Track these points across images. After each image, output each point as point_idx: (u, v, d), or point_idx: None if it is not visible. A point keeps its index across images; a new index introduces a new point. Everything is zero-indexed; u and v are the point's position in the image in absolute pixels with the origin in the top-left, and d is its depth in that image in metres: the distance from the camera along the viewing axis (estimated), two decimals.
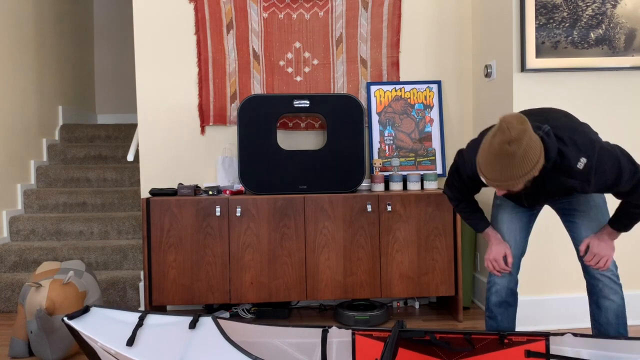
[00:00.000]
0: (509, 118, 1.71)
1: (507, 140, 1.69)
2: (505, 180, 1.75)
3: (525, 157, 1.72)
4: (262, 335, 2.16)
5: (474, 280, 3.42)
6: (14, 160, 4.01)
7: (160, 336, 1.91)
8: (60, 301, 2.57)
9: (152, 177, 3.34)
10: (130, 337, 1.86)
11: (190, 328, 1.91)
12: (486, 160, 1.75)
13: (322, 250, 2.97)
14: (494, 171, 1.74)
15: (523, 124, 1.71)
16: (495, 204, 2.22)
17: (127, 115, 5.89)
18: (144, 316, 1.96)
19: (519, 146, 1.70)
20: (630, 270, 2.96)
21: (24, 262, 3.57)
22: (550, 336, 2.07)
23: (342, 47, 3.39)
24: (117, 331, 1.91)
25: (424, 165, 3.36)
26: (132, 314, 1.99)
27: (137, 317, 1.97)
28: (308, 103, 3.05)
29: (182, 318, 1.97)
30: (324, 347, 2.09)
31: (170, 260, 2.93)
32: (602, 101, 2.91)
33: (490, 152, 1.73)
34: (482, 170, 1.79)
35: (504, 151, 1.70)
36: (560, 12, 2.82)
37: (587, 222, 2.11)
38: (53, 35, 4.79)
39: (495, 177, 1.75)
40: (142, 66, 3.33)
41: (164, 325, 1.95)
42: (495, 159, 1.73)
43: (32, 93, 4.33)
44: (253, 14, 3.35)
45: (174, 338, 1.91)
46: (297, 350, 2.17)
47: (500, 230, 2.17)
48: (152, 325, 1.94)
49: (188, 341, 1.88)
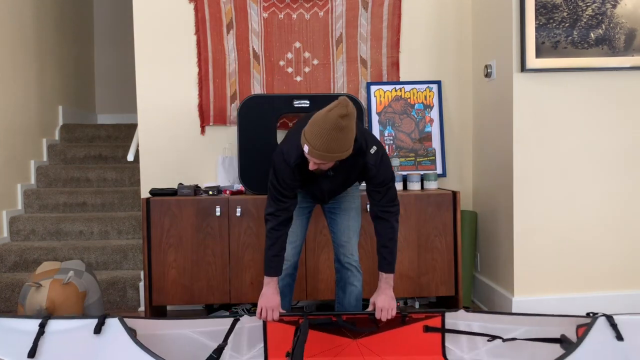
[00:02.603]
0: (345, 98, 1.96)
1: (344, 114, 1.92)
2: (329, 152, 1.98)
3: (350, 134, 1.99)
4: (173, 327, 2.17)
5: (474, 280, 3.42)
6: (14, 160, 4.01)
7: (65, 344, 1.82)
8: (60, 301, 2.58)
9: (152, 177, 3.34)
10: (32, 348, 1.76)
11: (95, 333, 1.83)
12: (318, 131, 1.96)
13: (322, 250, 2.97)
14: (323, 141, 1.96)
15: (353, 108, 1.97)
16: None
17: (127, 115, 5.87)
18: (44, 323, 1.85)
19: (349, 122, 1.95)
20: (630, 270, 2.96)
21: (24, 262, 3.57)
22: (446, 312, 2.29)
23: (342, 47, 3.39)
24: (18, 342, 1.80)
25: (424, 165, 3.36)
26: (32, 321, 1.87)
27: (37, 325, 1.85)
28: (308, 103, 3.05)
29: (86, 321, 1.88)
30: (230, 331, 2.14)
31: (170, 260, 2.93)
32: (602, 101, 2.91)
33: (325, 122, 1.94)
34: (309, 140, 1.99)
35: (338, 124, 1.93)
36: (560, 12, 2.82)
37: (346, 220, 2.48)
38: (53, 35, 4.79)
39: (322, 147, 1.96)
40: (142, 66, 3.33)
41: (67, 331, 1.85)
42: (327, 131, 1.94)
43: (32, 93, 4.33)
44: (253, 14, 3.35)
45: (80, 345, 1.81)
46: (207, 338, 2.21)
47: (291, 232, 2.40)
48: (55, 332, 1.85)
49: (96, 347, 1.80)
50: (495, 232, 3.14)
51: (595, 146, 2.91)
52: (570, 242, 2.92)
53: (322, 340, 2.30)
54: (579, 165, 2.91)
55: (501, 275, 3.07)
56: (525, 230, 2.90)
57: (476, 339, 2.24)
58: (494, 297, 3.13)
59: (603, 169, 2.92)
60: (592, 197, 2.92)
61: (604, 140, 2.91)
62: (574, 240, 2.92)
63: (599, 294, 2.93)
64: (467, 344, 2.27)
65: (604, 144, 2.91)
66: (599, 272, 2.94)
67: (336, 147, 1.98)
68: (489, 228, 3.23)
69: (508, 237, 2.96)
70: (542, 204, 2.90)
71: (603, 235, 2.93)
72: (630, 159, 2.93)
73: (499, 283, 3.11)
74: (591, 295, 2.91)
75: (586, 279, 2.93)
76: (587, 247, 2.93)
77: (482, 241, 3.34)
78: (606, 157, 2.92)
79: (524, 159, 2.89)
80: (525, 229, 2.90)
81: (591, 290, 2.94)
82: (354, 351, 2.29)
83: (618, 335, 1.79)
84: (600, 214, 2.93)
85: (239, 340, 2.26)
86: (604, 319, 1.87)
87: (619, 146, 2.92)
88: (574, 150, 2.90)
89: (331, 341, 2.30)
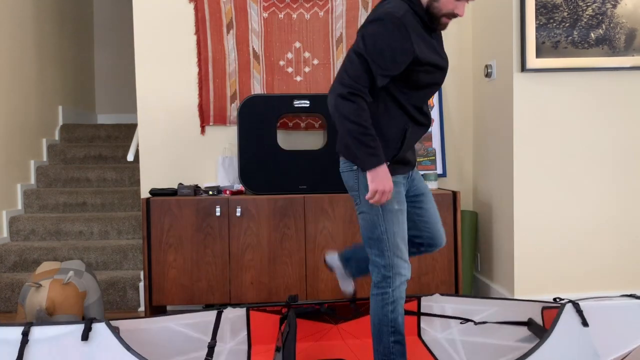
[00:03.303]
0: None
1: None
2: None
3: None
4: (157, 321, 2.17)
5: (474, 280, 3.42)
6: (14, 160, 4.01)
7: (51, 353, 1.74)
8: (60, 301, 2.58)
9: (152, 177, 3.34)
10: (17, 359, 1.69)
11: (83, 340, 1.76)
12: None
13: (322, 250, 2.97)
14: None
15: None
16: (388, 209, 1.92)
17: (127, 115, 5.88)
18: (27, 330, 1.77)
19: None
20: (630, 270, 2.96)
21: (24, 262, 3.57)
22: (422, 297, 2.46)
23: (342, 47, 3.38)
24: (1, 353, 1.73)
25: (424, 165, 3.36)
26: (13, 329, 1.78)
27: (20, 333, 1.77)
28: (308, 103, 3.05)
29: (72, 327, 1.81)
30: (217, 323, 2.14)
31: (170, 260, 2.92)
32: (602, 101, 2.91)
33: None
34: None
35: None
36: (561, 12, 2.82)
37: (432, 205, 2.08)
38: (53, 35, 4.79)
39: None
40: (142, 66, 3.33)
41: (53, 338, 1.78)
42: None
43: (32, 93, 4.33)
44: (253, 13, 3.35)
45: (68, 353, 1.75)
46: (191, 330, 2.22)
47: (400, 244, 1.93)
48: (39, 340, 1.77)
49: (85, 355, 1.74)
50: (495, 232, 3.14)
51: (595, 146, 2.91)
52: (570, 242, 2.92)
53: (305, 326, 2.40)
54: (579, 165, 2.91)
55: (501, 275, 3.07)
56: (525, 230, 2.90)
57: (449, 320, 2.36)
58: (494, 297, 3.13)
59: (603, 169, 2.92)
60: (592, 197, 2.92)
61: (604, 140, 2.91)
62: (574, 240, 2.92)
63: (599, 294, 2.92)
64: (440, 325, 2.40)
65: (604, 144, 2.91)
66: (599, 272, 2.94)
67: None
68: (489, 228, 3.23)
69: (508, 237, 2.96)
70: (542, 204, 2.90)
71: (603, 235, 2.93)
72: (631, 159, 2.93)
73: (499, 283, 3.11)
74: (591, 295, 2.91)
75: (586, 279, 2.93)
76: (587, 247, 2.93)
77: (482, 241, 3.34)
78: (606, 157, 2.92)
79: (524, 159, 2.89)
80: (525, 229, 2.90)
81: (591, 290, 2.94)
82: (335, 335, 2.41)
83: (584, 321, 1.86)
84: (601, 213, 2.93)
85: (222, 329, 2.27)
86: (571, 305, 1.93)
87: (619, 146, 2.92)
88: (574, 150, 2.90)
89: (314, 327, 2.42)
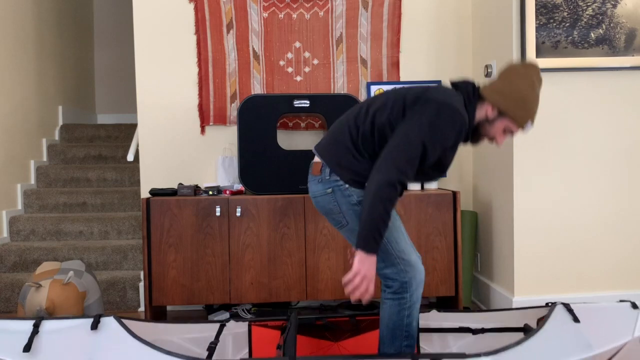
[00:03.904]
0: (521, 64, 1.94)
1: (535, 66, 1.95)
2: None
3: None
4: (162, 333, 2.20)
5: (474, 280, 3.42)
6: (14, 160, 4.01)
7: (61, 342, 1.83)
8: (60, 301, 2.58)
9: (152, 177, 3.34)
10: (27, 344, 1.77)
11: (92, 329, 1.84)
12: (535, 97, 1.91)
13: (322, 250, 2.97)
14: (537, 103, 1.93)
15: None
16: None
17: (127, 115, 5.89)
18: (38, 323, 1.86)
19: None
20: (630, 270, 2.96)
21: (24, 262, 3.57)
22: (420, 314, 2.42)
23: (342, 47, 3.38)
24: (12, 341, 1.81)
25: None
26: (25, 322, 1.88)
27: (31, 325, 1.86)
28: (308, 103, 3.05)
29: (81, 321, 1.89)
30: (217, 338, 2.17)
31: (170, 260, 2.92)
32: (602, 101, 2.90)
33: (536, 88, 1.91)
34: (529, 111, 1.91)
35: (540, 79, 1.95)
36: (561, 12, 2.82)
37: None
38: (53, 35, 4.79)
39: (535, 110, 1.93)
40: (142, 66, 3.33)
41: (62, 330, 1.86)
42: (538, 93, 1.93)
43: (32, 93, 4.33)
44: (253, 13, 3.35)
45: (77, 342, 1.83)
46: (194, 345, 2.25)
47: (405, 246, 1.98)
48: (49, 331, 1.85)
49: (93, 343, 1.82)
50: (495, 232, 3.14)
51: (595, 146, 2.91)
52: (570, 242, 2.92)
53: (304, 343, 2.37)
54: (579, 165, 2.91)
55: (501, 275, 3.07)
56: (525, 230, 2.90)
57: (447, 337, 2.37)
58: (494, 297, 3.13)
59: (603, 169, 2.92)
60: (592, 197, 2.92)
61: (604, 140, 2.91)
62: (574, 240, 2.92)
63: (599, 294, 2.93)
64: (439, 342, 2.40)
65: (604, 143, 2.91)
66: (599, 272, 2.94)
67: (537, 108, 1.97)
68: (489, 228, 3.23)
69: (508, 237, 2.96)
70: (542, 204, 2.90)
71: (603, 235, 2.93)
72: (631, 158, 2.93)
73: (499, 283, 3.11)
74: (591, 295, 2.91)
75: (586, 279, 2.93)
76: (588, 247, 2.93)
77: (482, 241, 3.34)
78: (606, 157, 2.92)
79: (524, 159, 2.89)
80: (525, 229, 2.90)
81: (591, 290, 2.94)
82: (335, 353, 2.39)
83: (575, 317, 1.96)
84: (601, 213, 2.93)
85: (224, 345, 2.29)
86: (562, 305, 2.02)
87: (619, 146, 2.92)
88: (574, 150, 2.90)
89: (314, 344, 2.40)
